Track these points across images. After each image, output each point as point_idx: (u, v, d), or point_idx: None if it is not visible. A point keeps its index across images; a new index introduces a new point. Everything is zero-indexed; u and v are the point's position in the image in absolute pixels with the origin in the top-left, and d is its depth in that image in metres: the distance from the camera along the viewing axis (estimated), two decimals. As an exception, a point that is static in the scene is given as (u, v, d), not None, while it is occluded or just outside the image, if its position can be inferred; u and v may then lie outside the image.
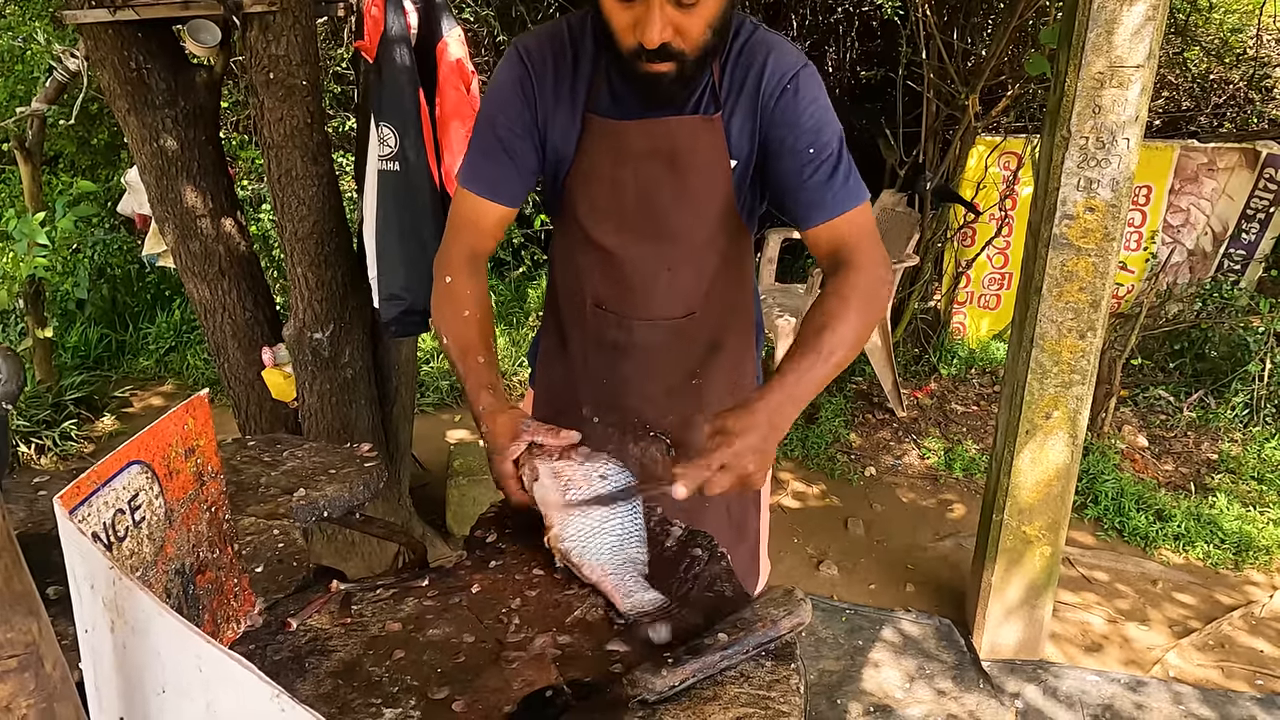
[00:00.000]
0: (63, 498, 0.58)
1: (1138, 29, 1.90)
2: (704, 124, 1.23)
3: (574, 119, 1.26)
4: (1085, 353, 2.15)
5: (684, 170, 1.25)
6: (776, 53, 1.22)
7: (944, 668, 2.42)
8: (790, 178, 1.22)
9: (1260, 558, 2.89)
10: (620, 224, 1.30)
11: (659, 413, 1.38)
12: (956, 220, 4.18)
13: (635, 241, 1.31)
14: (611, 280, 1.34)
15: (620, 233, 1.31)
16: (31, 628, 0.44)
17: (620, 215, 1.30)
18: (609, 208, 1.30)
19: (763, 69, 1.21)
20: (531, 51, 1.26)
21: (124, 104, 2.17)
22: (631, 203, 1.28)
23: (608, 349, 1.39)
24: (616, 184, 1.27)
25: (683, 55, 1.12)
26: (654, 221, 1.29)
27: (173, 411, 0.76)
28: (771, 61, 1.21)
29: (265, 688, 0.43)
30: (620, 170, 1.26)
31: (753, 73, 1.21)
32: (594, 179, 1.28)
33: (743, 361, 1.46)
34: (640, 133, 1.24)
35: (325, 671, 0.82)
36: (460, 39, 2.25)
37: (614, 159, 1.26)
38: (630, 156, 1.25)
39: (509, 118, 1.25)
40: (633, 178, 1.26)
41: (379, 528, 1.36)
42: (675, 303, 1.35)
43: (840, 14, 5.42)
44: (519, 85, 1.25)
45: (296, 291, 2.30)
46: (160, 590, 0.73)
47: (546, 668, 0.82)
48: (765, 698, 0.77)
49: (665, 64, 1.12)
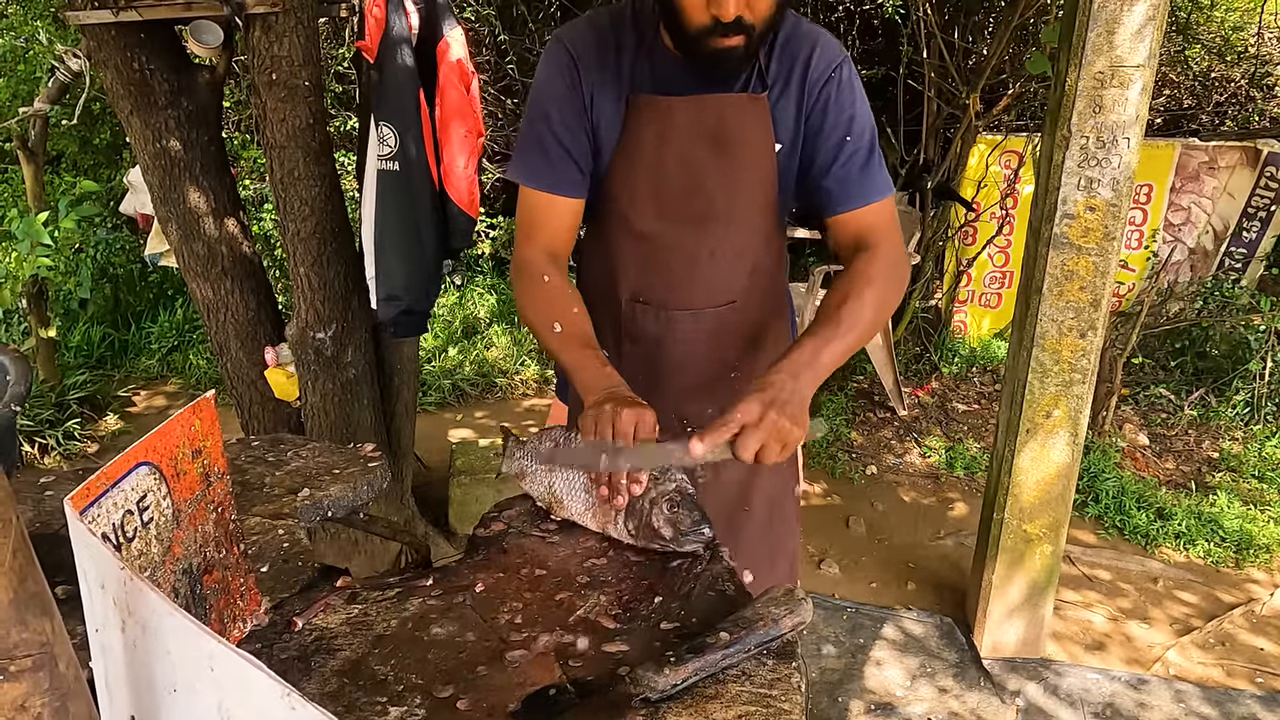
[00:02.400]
0: (73, 499, 0.59)
1: (1138, 28, 1.90)
2: (751, 102, 1.25)
3: (619, 101, 1.27)
4: (1086, 351, 2.16)
5: (730, 149, 1.26)
6: (823, 43, 1.26)
7: (945, 666, 2.42)
8: (825, 164, 1.25)
9: (1261, 556, 2.90)
10: (662, 208, 1.30)
11: (697, 408, 1.37)
12: (958, 219, 4.18)
13: (677, 225, 1.31)
14: (651, 269, 1.34)
15: (661, 218, 1.31)
16: (45, 627, 0.45)
17: (662, 198, 1.30)
18: (651, 191, 1.30)
19: (810, 57, 1.24)
20: (575, 40, 1.27)
21: (127, 104, 2.17)
22: (674, 184, 1.28)
23: (645, 343, 1.38)
24: (660, 166, 1.28)
25: (752, 29, 1.15)
26: (697, 203, 1.29)
27: (180, 413, 0.77)
28: (819, 50, 1.25)
29: (276, 686, 0.43)
30: (664, 150, 1.27)
31: (800, 60, 1.24)
32: (638, 161, 1.28)
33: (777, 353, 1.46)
34: (687, 109, 1.25)
35: (331, 670, 0.83)
36: (461, 39, 2.26)
37: (659, 138, 1.26)
38: (675, 135, 1.26)
39: (561, 110, 1.26)
40: (676, 158, 1.27)
41: (382, 527, 1.37)
42: (716, 289, 1.35)
43: (841, 12, 5.41)
44: (565, 74, 1.26)
45: (299, 291, 2.30)
46: (168, 590, 0.74)
47: (550, 666, 0.83)
48: (767, 696, 0.78)
49: (736, 38, 1.15)
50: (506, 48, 4.62)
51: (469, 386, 4.22)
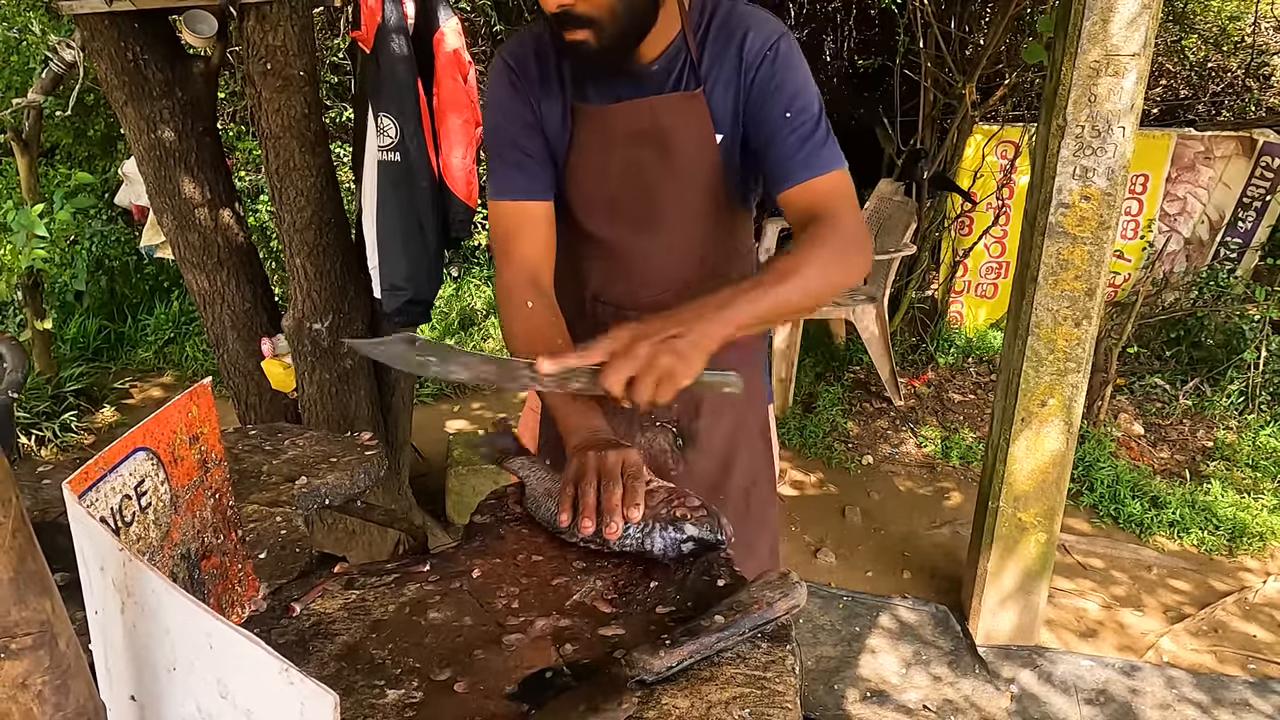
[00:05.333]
0: (71, 483, 0.59)
1: (1133, 18, 1.91)
2: (685, 100, 1.24)
3: (563, 112, 1.28)
4: (1081, 341, 2.16)
5: (670, 149, 1.26)
6: (755, 23, 1.23)
7: (940, 654, 2.44)
8: (770, 141, 1.21)
9: (1254, 544, 2.91)
10: (613, 213, 1.32)
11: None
12: (954, 209, 4.18)
13: (628, 228, 1.32)
14: (609, 270, 1.36)
15: (614, 222, 1.32)
16: (45, 606, 0.45)
17: (611, 203, 1.31)
18: (600, 197, 1.31)
19: (743, 40, 1.22)
20: (515, 55, 1.28)
21: (121, 95, 2.17)
22: (620, 189, 1.29)
23: None
24: (605, 172, 1.29)
25: (596, 23, 1.12)
26: (643, 204, 1.30)
27: (177, 399, 0.77)
28: (751, 33, 1.22)
29: (274, 662, 0.44)
30: (609, 156, 1.28)
31: (733, 45, 1.22)
32: (584, 169, 1.30)
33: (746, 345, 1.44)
34: (624, 115, 1.25)
35: (329, 654, 0.84)
36: (457, 29, 2.25)
37: (602, 145, 1.27)
38: (617, 141, 1.26)
39: (510, 118, 1.27)
40: (621, 164, 1.27)
41: (380, 515, 1.37)
42: (676, 287, 1.35)
43: (838, 2, 5.41)
44: (512, 88, 1.28)
45: (295, 282, 2.30)
46: (167, 575, 0.74)
47: (546, 649, 0.83)
48: (761, 678, 0.78)
49: (580, 31, 1.13)
50: (503, 38, 4.61)
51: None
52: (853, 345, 4.15)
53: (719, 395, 1.34)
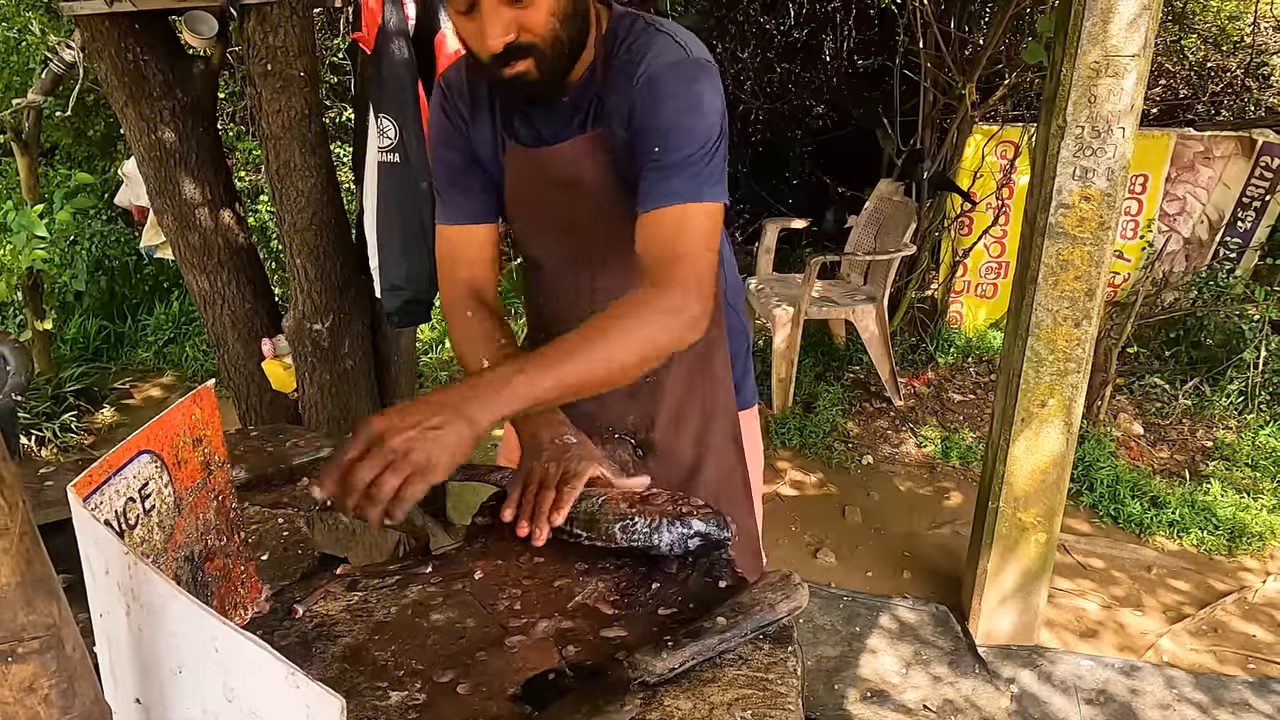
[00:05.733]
0: (76, 486, 0.59)
1: (1133, 18, 1.91)
2: (592, 142, 1.21)
3: (495, 145, 1.28)
4: (1081, 341, 2.17)
5: (590, 189, 1.24)
6: (654, 48, 1.15)
7: (940, 654, 2.44)
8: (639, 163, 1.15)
9: (1254, 544, 2.92)
10: (548, 246, 1.36)
11: (619, 413, 1.37)
12: (954, 209, 4.19)
13: (568, 261, 1.35)
14: (555, 294, 1.40)
15: (550, 254, 1.37)
16: (52, 609, 0.45)
17: (546, 237, 1.35)
18: (535, 231, 1.36)
19: (638, 65, 1.14)
20: (451, 83, 1.29)
21: (121, 95, 2.17)
22: (554, 228, 1.32)
23: None
24: (538, 213, 1.32)
25: (537, 50, 1.09)
26: (579, 242, 1.32)
27: (180, 402, 0.77)
28: (649, 57, 1.14)
29: (279, 665, 0.44)
30: (540, 199, 1.29)
31: (631, 72, 1.15)
32: (521, 210, 1.33)
33: (707, 355, 1.39)
34: (548, 159, 1.24)
35: (332, 656, 0.84)
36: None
37: (533, 188, 1.29)
38: (545, 183, 1.27)
39: (452, 149, 1.29)
40: (551, 205, 1.29)
41: (381, 516, 1.37)
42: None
43: (838, 3, 5.41)
44: (445, 116, 1.29)
45: (295, 283, 2.30)
46: (170, 577, 0.75)
47: (549, 651, 0.84)
48: (763, 679, 0.79)
49: (521, 63, 1.10)
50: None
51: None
52: (852, 345, 4.15)
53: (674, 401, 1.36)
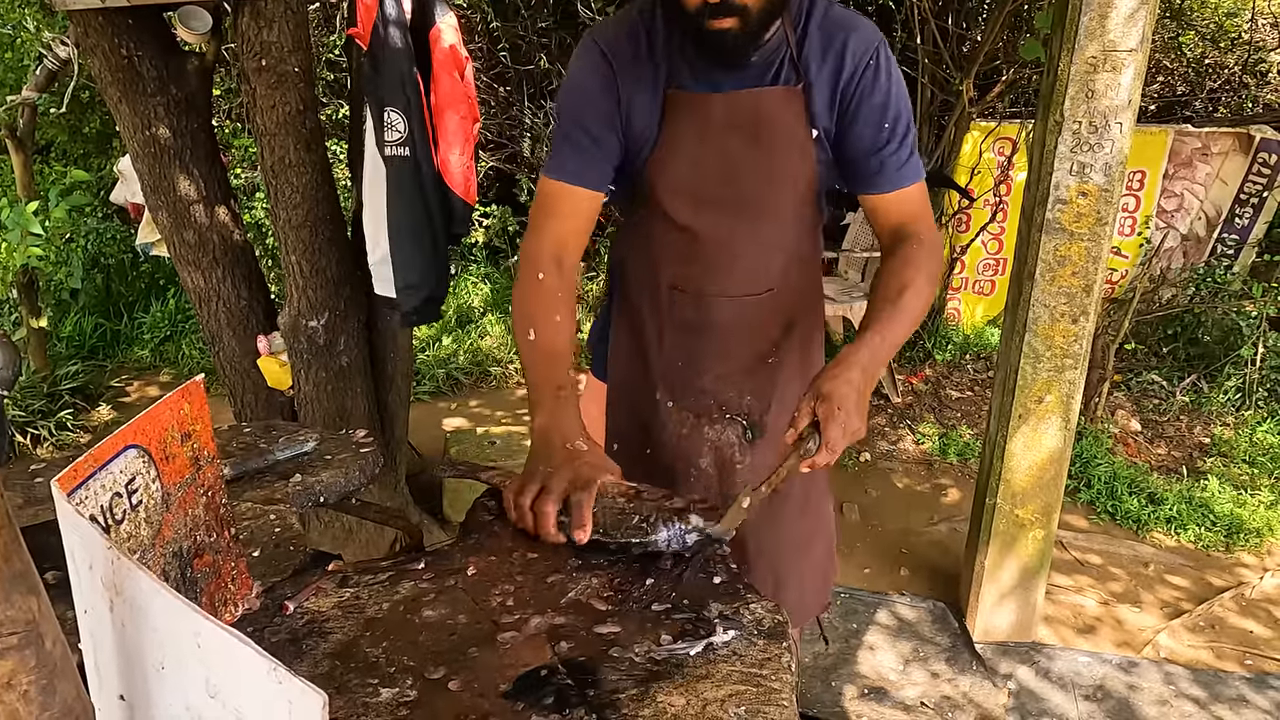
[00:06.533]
0: (60, 480, 0.58)
1: (1131, 14, 1.90)
2: (786, 94, 1.25)
3: (656, 99, 1.27)
4: (1078, 337, 2.16)
5: (766, 142, 1.27)
6: (858, 28, 1.26)
7: (938, 650, 2.44)
8: (865, 146, 1.26)
9: (1251, 540, 2.92)
10: (700, 201, 1.32)
11: (735, 394, 1.39)
12: (951, 206, 4.18)
13: (715, 217, 1.32)
14: (690, 259, 1.36)
15: (700, 210, 1.33)
16: (31, 605, 0.45)
17: (702, 191, 1.31)
18: (691, 185, 1.31)
19: (845, 43, 1.24)
20: (608, 40, 1.28)
21: (115, 92, 2.16)
22: (714, 178, 1.30)
23: (684, 331, 1.39)
24: (699, 160, 1.29)
25: (745, 10, 1.15)
26: (735, 195, 1.31)
27: (168, 396, 0.76)
28: (855, 37, 1.24)
29: (262, 661, 0.43)
30: (704, 145, 1.28)
31: (834, 47, 1.24)
32: (677, 156, 1.30)
33: (811, 341, 1.47)
34: (724, 105, 1.26)
35: (323, 653, 0.83)
36: (453, 25, 2.24)
37: (698, 133, 1.28)
38: (714, 130, 1.27)
39: (593, 110, 1.28)
40: (716, 153, 1.28)
41: (375, 512, 1.37)
42: (758, 279, 1.36)
43: (835, -1, 5.39)
44: (597, 73, 1.27)
45: (291, 279, 2.30)
46: (158, 573, 0.74)
47: (541, 647, 0.83)
48: (757, 675, 0.78)
49: (728, 19, 1.15)
50: (499, 35, 4.59)
51: (463, 376, 4.22)
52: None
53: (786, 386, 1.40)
